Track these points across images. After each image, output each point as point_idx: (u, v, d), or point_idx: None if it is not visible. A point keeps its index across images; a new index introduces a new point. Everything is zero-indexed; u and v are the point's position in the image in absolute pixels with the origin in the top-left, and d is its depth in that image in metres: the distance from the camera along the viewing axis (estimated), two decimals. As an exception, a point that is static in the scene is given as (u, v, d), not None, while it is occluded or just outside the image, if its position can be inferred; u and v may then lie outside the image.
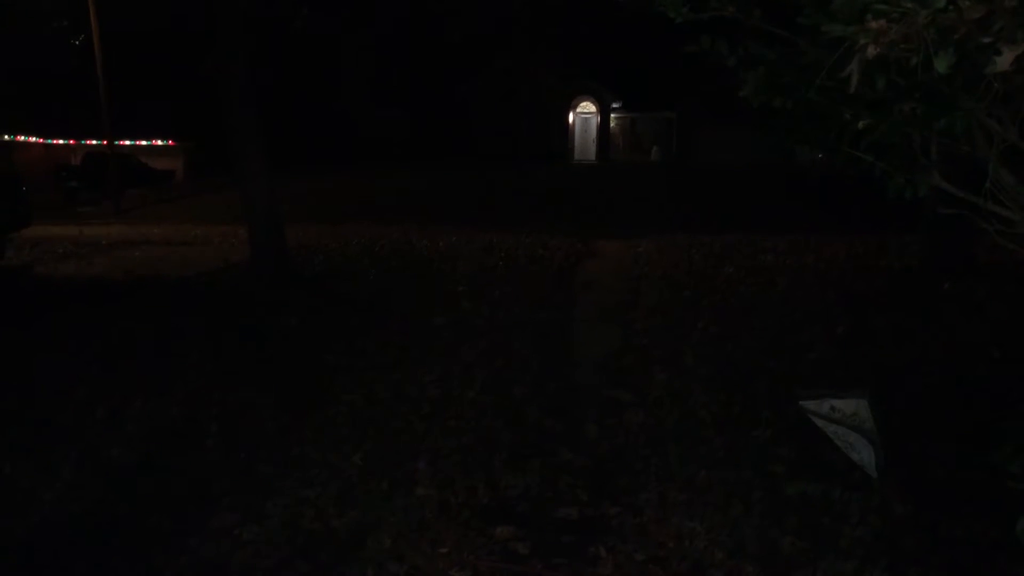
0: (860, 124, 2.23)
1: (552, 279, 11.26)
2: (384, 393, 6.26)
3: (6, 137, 29.10)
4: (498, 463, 4.97)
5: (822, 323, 7.91)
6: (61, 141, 32.44)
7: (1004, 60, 1.96)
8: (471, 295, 9.97)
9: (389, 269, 12.18)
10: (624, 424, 5.65)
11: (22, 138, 30.54)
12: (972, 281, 9.17)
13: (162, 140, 33.88)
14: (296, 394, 6.27)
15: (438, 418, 5.73)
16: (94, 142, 30.59)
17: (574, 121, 39.04)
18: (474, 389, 6.36)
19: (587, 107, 38.82)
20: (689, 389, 6.19)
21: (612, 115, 39.37)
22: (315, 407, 5.95)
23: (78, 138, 32.18)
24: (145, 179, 30.51)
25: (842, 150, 2.59)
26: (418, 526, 4.17)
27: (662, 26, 2.81)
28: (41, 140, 31.69)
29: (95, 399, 6.03)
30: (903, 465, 4.57)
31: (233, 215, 16.03)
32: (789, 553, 3.82)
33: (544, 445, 5.33)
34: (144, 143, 33.02)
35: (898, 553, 3.78)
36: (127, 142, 30.68)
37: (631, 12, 2.78)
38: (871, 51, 2.04)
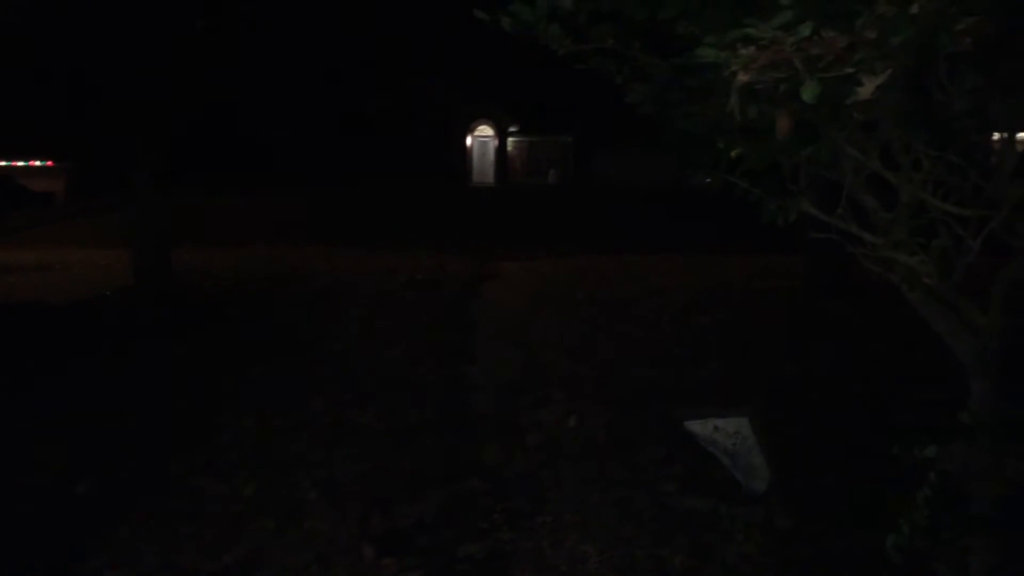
0: (733, 152, 2.32)
1: (452, 302, 11.22)
2: (276, 422, 6.08)
3: None
4: (393, 492, 4.88)
5: (712, 342, 8.14)
6: (-71, 162, 30.46)
7: (865, 90, 2.07)
8: (369, 319, 9.83)
9: (285, 293, 11.89)
10: (522, 448, 5.64)
11: None
12: (849, 300, 9.62)
13: (41, 160, 32.18)
14: (183, 426, 6.02)
15: (332, 446, 5.59)
16: (-35, 163, 28.88)
17: (472, 144, 39.25)
18: (370, 415, 6.25)
19: (485, 130, 39.11)
20: (586, 410, 6.24)
21: (510, 139, 39.75)
22: (202, 438, 5.72)
23: (-52, 158, 30.28)
24: (23, 201, 28.89)
25: (719, 176, 2.68)
26: (308, 560, 4.05)
27: (555, 53, 2.85)
28: (-95, 161, 29.68)
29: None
30: (787, 480, 4.72)
31: (118, 239, 15.35)
32: (679, 570, 3.89)
33: (441, 472, 5.26)
34: (21, 163, 31.30)
35: (783, 566, 3.89)
36: (2, 163, 29.05)
37: (522, 43, 2.80)
38: (742, 78, 2.12)
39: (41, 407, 6.36)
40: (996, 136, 2.57)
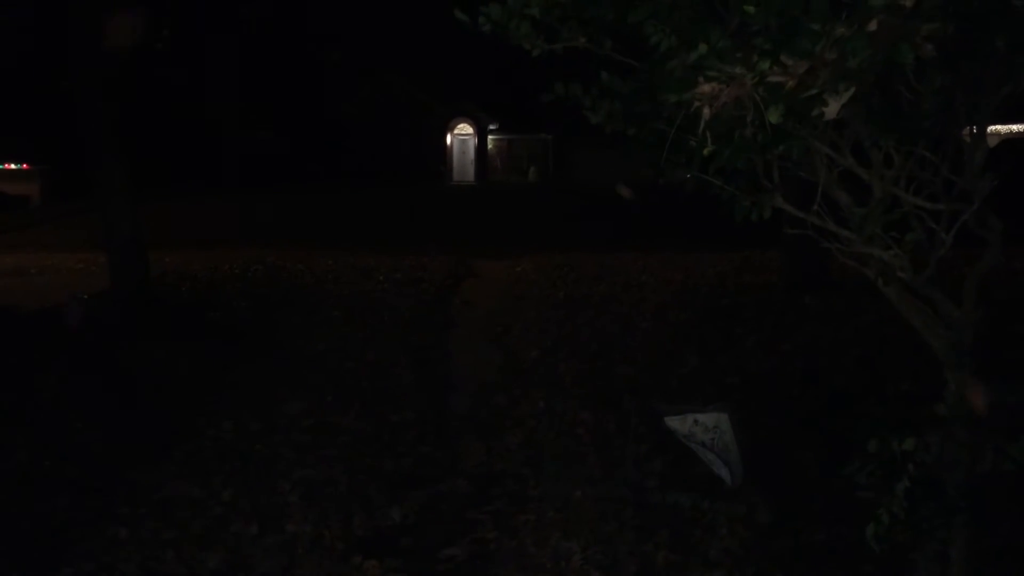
0: (705, 151, 2.34)
1: (432, 302, 11.19)
2: (256, 426, 6.03)
3: None
4: (375, 493, 4.87)
5: (691, 338, 8.16)
6: (-100, 166, 30.01)
7: (831, 110, 2.11)
8: (348, 321, 9.78)
9: (264, 296, 11.79)
10: (503, 447, 5.65)
11: None
12: (827, 294, 9.67)
13: (16, 163, 31.76)
14: (160, 431, 5.96)
15: (312, 449, 5.57)
16: (-62, 166, 28.47)
17: (452, 143, 39.20)
18: (350, 416, 6.23)
19: (465, 129, 39.07)
20: (566, 408, 6.25)
21: (489, 137, 39.75)
22: (179, 442, 5.67)
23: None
24: (-3, 205, 28.52)
25: (692, 175, 2.69)
26: (289, 563, 4.03)
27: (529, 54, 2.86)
28: None
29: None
30: (768, 474, 4.75)
31: (94, 242, 15.19)
32: (662, 566, 3.90)
33: (423, 472, 5.26)
34: (-4, 167, 30.90)
35: (764, 560, 3.92)
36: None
37: (499, 42, 2.82)
38: (706, 113, 2.15)
39: (13, 414, 6.28)
40: (966, 130, 2.60)
